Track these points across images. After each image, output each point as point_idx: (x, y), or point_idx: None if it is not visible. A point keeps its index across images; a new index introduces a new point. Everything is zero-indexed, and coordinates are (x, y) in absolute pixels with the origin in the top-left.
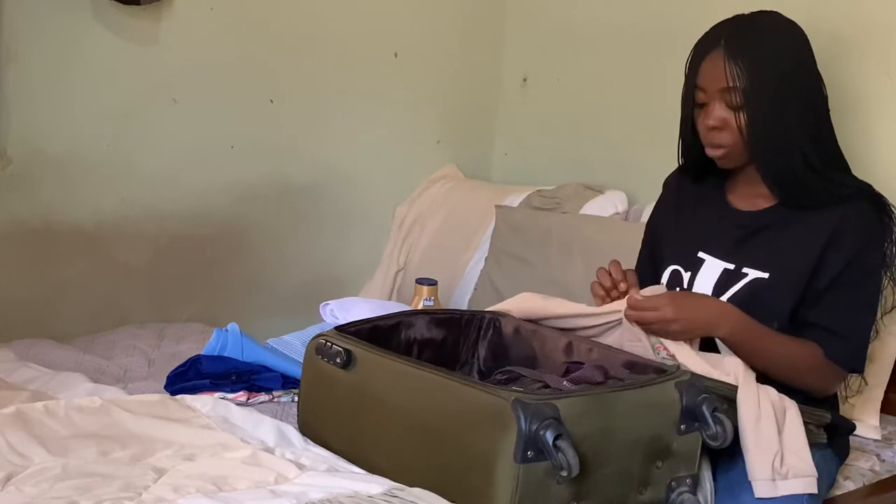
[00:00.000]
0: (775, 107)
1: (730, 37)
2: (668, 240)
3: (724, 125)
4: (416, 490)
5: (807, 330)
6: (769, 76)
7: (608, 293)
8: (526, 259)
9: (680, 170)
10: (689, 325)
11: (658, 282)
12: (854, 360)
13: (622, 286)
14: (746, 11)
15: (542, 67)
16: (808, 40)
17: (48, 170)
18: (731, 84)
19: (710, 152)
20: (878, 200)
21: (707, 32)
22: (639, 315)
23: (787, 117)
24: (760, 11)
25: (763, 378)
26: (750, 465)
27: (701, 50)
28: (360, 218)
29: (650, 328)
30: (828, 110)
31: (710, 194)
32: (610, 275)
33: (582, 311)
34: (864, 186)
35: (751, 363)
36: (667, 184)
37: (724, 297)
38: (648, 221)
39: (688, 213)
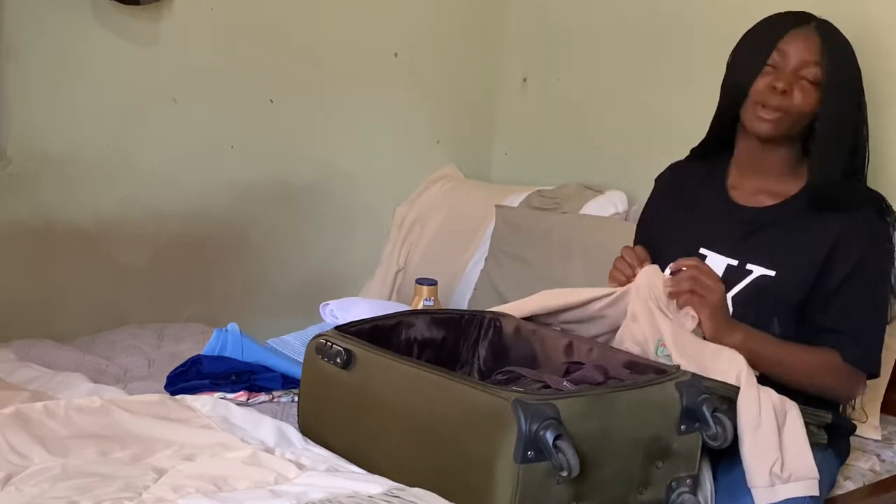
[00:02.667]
0: (851, 102)
1: (820, 23)
2: (666, 237)
3: (792, 92)
4: (416, 490)
5: (820, 335)
6: (851, 74)
7: (629, 280)
8: (526, 259)
9: (672, 167)
10: (718, 303)
11: None
12: (871, 363)
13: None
14: (744, 13)
15: (542, 67)
16: None
17: (48, 170)
18: (819, 60)
19: (763, 114)
20: (883, 209)
21: (785, 13)
22: (691, 263)
23: (855, 116)
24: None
25: (764, 379)
26: (748, 472)
27: (786, 22)
28: (360, 218)
29: (689, 284)
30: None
31: (710, 190)
32: (627, 261)
33: (598, 294)
34: (873, 195)
35: (770, 373)
36: (659, 180)
37: (729, 294)
38: (639, 221)
39: (685, 210)
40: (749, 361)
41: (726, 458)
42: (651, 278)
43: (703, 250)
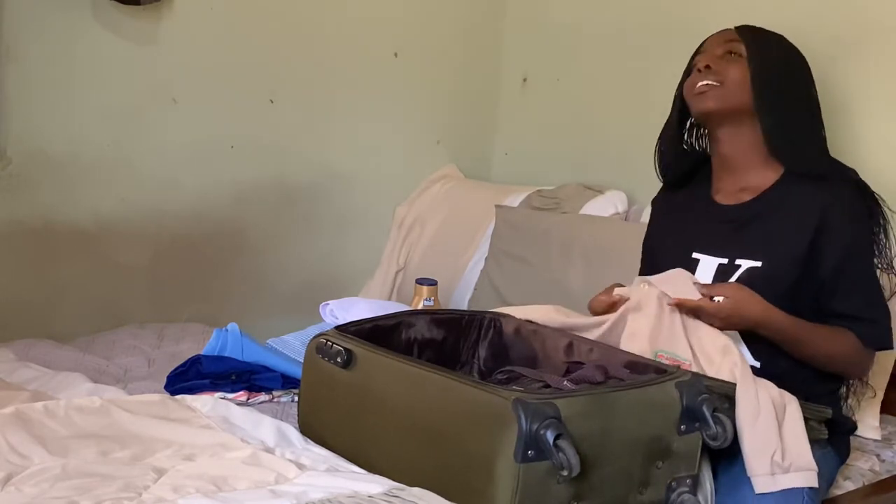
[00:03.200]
0: (780, 72)
1: (742, 25)
2: (664, 248)
3: (719, 68)
4: (416, 490)
5: (833, 319)
6: (776, 45)
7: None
8: (526, 259)
9: (664, 188)
10: (737, 321)
11: None
12: (888, 340)
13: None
14: (745, 13)
15: (542, 67)
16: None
17: (48, 170)
18: (738, 38)
19: (698, 90)
20: (861, 185)
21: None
22: (701, 299)
23: (789, 84)
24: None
25: (763, 373)
26: (748, 462)
27: (707, 37)
28: (359, 218)
29: (698, 311)
30: (821, 117)
31: (697, 199)
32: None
33: (598, 321)
34: (847, 171)
35: (790, 352)
36: (654, 203)
37: None
38: (644, 245)
39: (677, 222)
40: (771, 338)
41: (726, 456)
42: (645, 293)
43: (695, 254)
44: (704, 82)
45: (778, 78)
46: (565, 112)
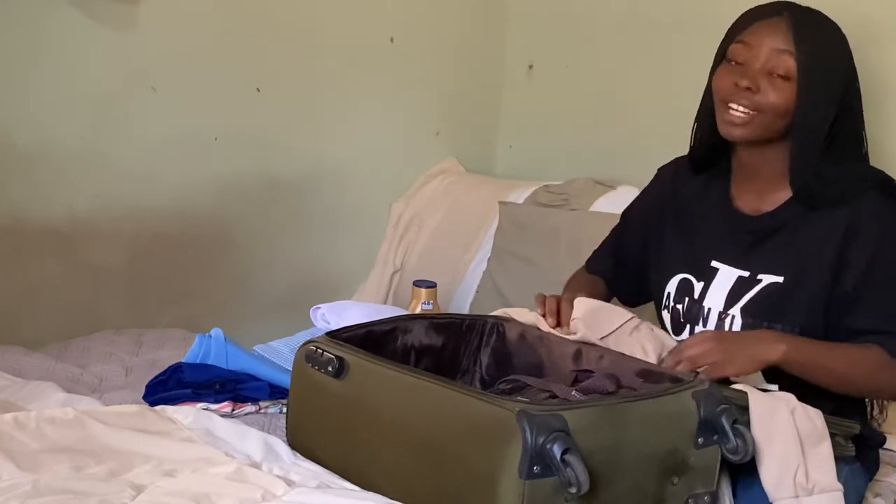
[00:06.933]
0: (829, 95)
1: (795, 11)
2: (669, 243)
3: (760, 89)
4: None
5: (857, 337)
6: (831, 63)
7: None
8: (532, 260)
9: (676, 162)
10: (742, 362)
11: (617, 276)
12: None
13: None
14: None
15: (549, 53)
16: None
17: (17, 164)
18: (789, 49)
19: (729, 117)
20: (892, 187)
21: (760, 5)
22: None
23: (834, 108)
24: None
25: (788, 387)
26: (767, 483)
27: (756, 14)
28: (353, 215)
29: (691, 364)
30: (861, 115)
31: (713, 197)
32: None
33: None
34: (875, 175)
35: (815, 382)
36: (660, 174)
37: (738, 305)
38: (629, 209)
39: (690, 216)
40: (797, 372)
41: (746, 471)
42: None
43: (714, 263)
44: (738, 111)
45: (825, 109)
46: (575, 101)
